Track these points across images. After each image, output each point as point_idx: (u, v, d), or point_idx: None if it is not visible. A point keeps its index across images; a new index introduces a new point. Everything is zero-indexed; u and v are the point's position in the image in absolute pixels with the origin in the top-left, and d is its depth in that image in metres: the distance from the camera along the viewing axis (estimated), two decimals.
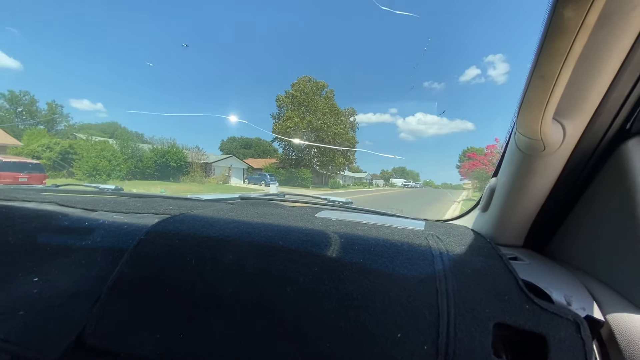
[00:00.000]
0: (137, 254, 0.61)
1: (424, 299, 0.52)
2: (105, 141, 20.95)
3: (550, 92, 0.47)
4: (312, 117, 31.91)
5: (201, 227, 0.68)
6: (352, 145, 34.66)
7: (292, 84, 34.77)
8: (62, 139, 20.68)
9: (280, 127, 32.81)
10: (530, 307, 0.50)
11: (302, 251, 0.61)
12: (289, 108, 33.57)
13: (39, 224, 0.71)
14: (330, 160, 33.41)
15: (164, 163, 22.96)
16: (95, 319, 0.54)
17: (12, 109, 29.83)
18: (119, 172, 18.50)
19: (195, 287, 0.56)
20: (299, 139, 33.45)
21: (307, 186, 29.80)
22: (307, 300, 0.53)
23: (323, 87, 35.23)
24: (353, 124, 36.00)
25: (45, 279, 0.60)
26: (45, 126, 29.13)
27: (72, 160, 18.45)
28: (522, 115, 0.54)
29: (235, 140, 54.01)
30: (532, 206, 0.72)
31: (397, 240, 0.67)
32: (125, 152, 20.96)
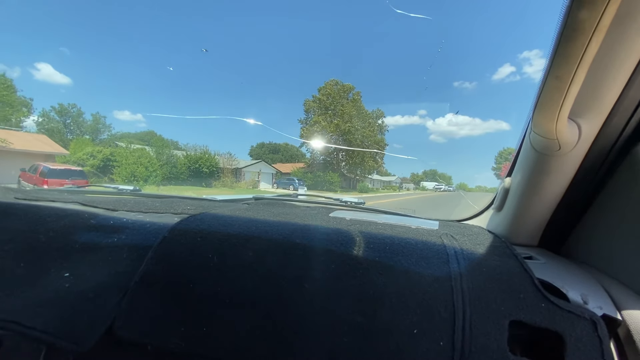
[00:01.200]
0: (161, 251, 0.63)
1: (439, 297, 0.53)
2: (143, 148, 21.95)
3: (565, 92, 0.47)
4: (340, 121, 31.63)
5: (221, 226, 0.69)
6: (380, 148, 33.95)
7: (319, 88, 34.76)
8: (105, 148, 21.91)
9: (307, 131, 32.85)
10: (546, 305, 0.51)
11: (318, 249, 0.62)
12: (316, 112, 33.56)
13: (68, 222, 0.72)
14: (359, 164, 32.90)
15: (197, 169, 23.66)
16: (124, 313, 0.56)
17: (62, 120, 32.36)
18: (154, 178, 19.24)
19: (217, 283, 0.57)
20: (323, 143, 33.23)
21: (335, 190, 29.48)
22: (325, 296, 0.55)
23: (350, 90, 34.90)
24: (381, 126, 35.29)
25: (75, 275, 0.62)
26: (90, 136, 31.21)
27: (113, 167, 19.46)
28: (537, 114, 0.54)
29: (264, 146, 55.02)
30: (547, 206, 0.72)
31: (411, 238, 0.67)
32: (160, 158, 21.83)
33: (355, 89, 35.11)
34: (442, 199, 23.85)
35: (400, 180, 50.97)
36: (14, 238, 0.69)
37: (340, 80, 34.92)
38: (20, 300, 0.59)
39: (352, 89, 35.05)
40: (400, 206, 13.88)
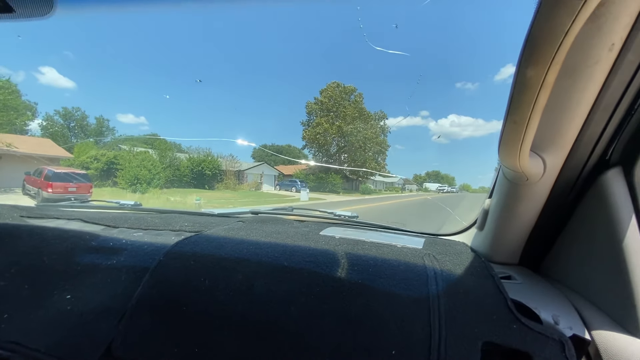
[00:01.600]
0: (156, 275, 0.65)
1: (417, 318, 0.54)
2: (146, 151, 22.06)
3: (523, 134, 0.50)
4: (342, 123, 31.69)
5: (214, 248, 0.72)
6: (383, 149, 33.94)
7: (321, 91, 34.86)
8: (108, 151, 22.06)
9: (309, 133, 32.95)
10: (517, 326, 0.52)
11: (305, 271, 0.64)
12: (318, 114, 33.63)
13: (70, 244, 0.75)
14: (361, 166, 32.90)
15: (199, 171, 23.76)
16: (122, 334, 0.58)
17: (66, 124, 32.66)
18: (157, 181, 19.32)
19: (209, 306, 0.60)
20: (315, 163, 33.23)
21: (337, 192, 29.47)
22: (309, 319, 0.57)
23: (352, 92, 34.96)
24: (383, 127, 35.28)
25: (76, 296, 0.64)
26: (94, 139, 31.46)
27: (117, 170, 19.58)
28: (501, 152, 0.58)
29: (266, 148, 55.21)
30: (523, 228, 0.75)
31: (394, 260, 0.70)
32: (163, 161, 21.94)
33: (356, 90, 35.21)
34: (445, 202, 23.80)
35: (402, 182, 50.86)
36: (19, 260, 0.71)
37: (342, 82, 35.02)
38: (24, 322, 0.61)
39: (354, 91, 35.12)
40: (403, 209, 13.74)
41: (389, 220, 1.23)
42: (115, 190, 17.77)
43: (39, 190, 12.64)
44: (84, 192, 13.27)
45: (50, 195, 12.21)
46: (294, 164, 37.14)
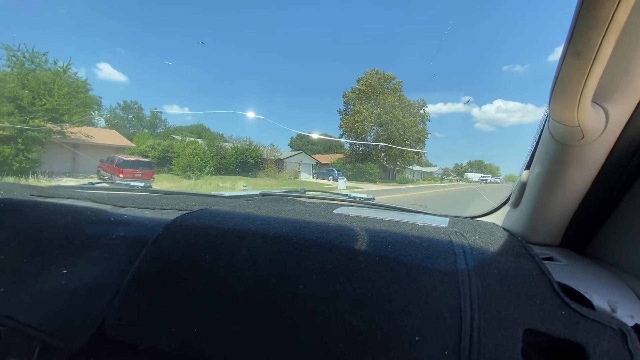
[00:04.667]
0: (155, 249, 0.62)
1: (444, 300, 0.49)
2: (196, 141, 23.90)
3: (588, 71, 0.41)
4: (381, 111, 31.43)
5: (217, 223, 0.68)
6: (422, 138, 33.21)
7: (359, 79, 34.70)
8: (163, 140, 24.17)
9: (348, 122, 33.11)
10: (566, 312, 0.46)
11: (316, 247, 0.59)
12: (356, 103, 33.62)
13: (70, 219, 0.74)
14: (399, 154, 32.57)
15: (243, 160, 25.21)
16: (115, 312, 0.55)
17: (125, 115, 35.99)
18: (208, 168, 20.93)
19: (210, 283, 0.56)
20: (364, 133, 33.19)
21: (374, 181, 29.61)
22: (320, 299, 0.52)
23: (390, 79, 34.41)
24: (423, 115, 34.43)
25: (72, 271, 0.63)
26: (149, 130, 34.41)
27: (171, 158, 21.48)
28: (555, 99, 0.49)
29: (303, 137, 56.20)
30: (570, 202, 0.66)
31: (417, 236, 0.64)
32: (211, 150, 23.59)
33: (396, 78, 34.57)
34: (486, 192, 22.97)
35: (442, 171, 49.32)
36: (20, 235, 0.70)
37: (381, 70, 34.53)
38: (18, 297, 0.59)
39: (393, 79, 34.53)
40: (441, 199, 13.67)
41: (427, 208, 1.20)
42: (170, 176, 19.61)
43: (112, 176, 14.48)
44: (147, 178, 14.96)
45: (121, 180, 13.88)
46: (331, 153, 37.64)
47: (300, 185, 22.15)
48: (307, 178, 30.09)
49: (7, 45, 15.12)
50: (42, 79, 14.80)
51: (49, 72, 15.52)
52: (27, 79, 14.48)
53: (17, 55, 15.41)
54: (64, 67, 16.51)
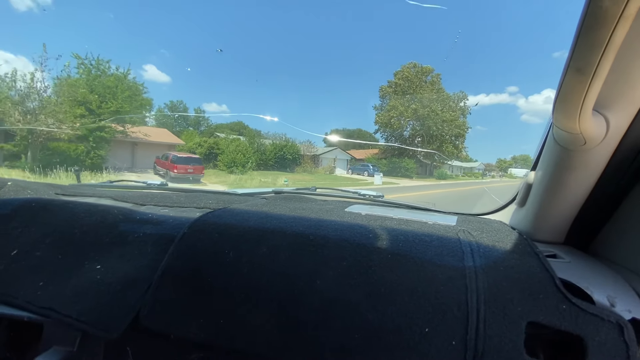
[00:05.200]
0: (181, 247, 0.66)
1: (452, 295, 0.52)
2: (238, 138, 25.11)
3: (587, 85, 0.44)
4: (418, 105, 30.80)
5: (237, 222, 0.72)
6: (462, 132, 32.09)
7: (396, 72, 34.18)
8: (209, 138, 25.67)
9: (383, 117, 32.83)
10: (567, 307, 0.49)
11: (331, 245, 0.63)
12: (392, 97, 33.19)
13: (99, 217, 0.78)
14: (437, 149, 31.74)
15: (281, 156, 26.05)
16: (148, 304, 0.59)
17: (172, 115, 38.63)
18: (250, 164, 21.97)
19: (233, 278, 0.60)
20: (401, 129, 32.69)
21: (410, 177, 29.19)
22: (336, 293, 0.55)
23: (429, 72, 33.50)
24: (463, 108, 33.17)
25: (106, 267, 0.67)
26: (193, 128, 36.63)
27: (216, 154, 22.80)
28: (558, 109, 0.52)
29: (337, 132, 56.49)
30: (574, 202, 0.69)
31: (426, 234, 0.67)
32: (252, 147, 24.67)
33: (434, 71, 33.60)
34: None
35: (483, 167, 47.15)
36: (52, 232, 0.74)
37: (419, 62, 33.72)
38: (58, 290, 0.63)
39: (431, 71, 33.58)
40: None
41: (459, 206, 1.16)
42: (216, 171, 20.87)
43: (167, 171, 15.83)
44: (198, 173, 16.19)
45: (175, 175, 15.20)
46: (366, 149, 37.54)
47: (336, 180, 22.51)
48: (342, 173, 30.36)
49: (77, 54, 16.96)
50: (107, 83, 16.43)
51: (112, 77, 17.18)
52: (94, 84, 16.17)
53: (85, 63, 17.23)
54: (125, 72, 18.17)
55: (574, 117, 0.50)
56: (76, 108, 15.04)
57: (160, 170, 16.90)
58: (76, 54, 16.96)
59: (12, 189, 0.98)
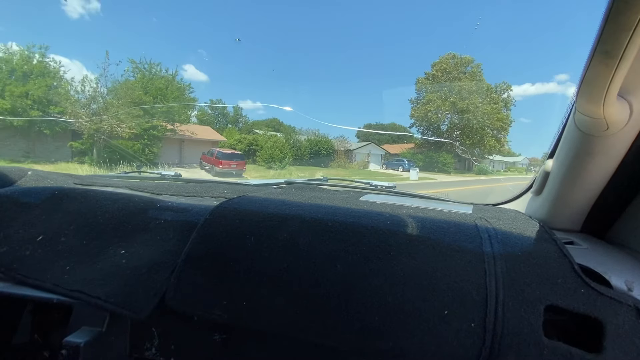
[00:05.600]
0: (204, 232, 0.67)
1: (471, 279, 0.53)
2: (276, 135, 25.95)
3: (614, 69, 0.44)
4: (457, 98, 29.72)
5: (257, 208, 0.73)
6: (505, 125, 30.51)
7: (433, 64, 33.14)
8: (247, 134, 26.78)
9: (419, 111, 32.04)
10: (585, 291, 0.50)
11: (349, 231, 0.64)
12: (428, 90, 32.31)
13: (121, 205, 0.80)
14: (477, 143, 30.50)
15: (316, 151, 26.54)
16: (173, 287, 0.61)
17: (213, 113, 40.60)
18: (287, 160, 22.67)
19: (254, 262, 0.61)
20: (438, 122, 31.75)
21: (448, 172, 28.37)
22: (356, 277, 0.56)
23: (468, 63, 32.10)
24: (507, 100, 31.50)
25: (130, 252, 0.69)
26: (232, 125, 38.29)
27: (255, 150, 23.76)
28: (582, 93, 0.52)
29: (371, 127, 55.86)
30: (592, 189, 0.69)
31: (443, 221, 0.68)
32: (289, 143, 25.38)
33: (474, 61, 32.16)
34: None
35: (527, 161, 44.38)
36: (76, 219, 0.76)
37: (458, 53, 32.43)
38: (85, 273, 0.65)
39: (471, 62, 32.16)
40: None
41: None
42: (255, 166, 21.78)
43: (213, 166, 16.86)
44: (240, 168, 17.07)
45: (220, 170, 16.16)
46: (401, 143, 36.95)
47: (371, 175, 22.49)
48: (376, 168, 30.20)
49: (132, 59, 18.50)
50: (158, 85, 17.80)
51: (162, 79, 18.56)
52: (148, 86, 17.58)
53: (139, 67, 18.74)
54: (173, 74, 19.52)
55: (598, 101, 0.51)
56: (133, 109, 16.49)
57: (206, 165, 18.01)
58: (132, 59, 18.54)
59: (32, 178, 1.01)
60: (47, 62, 16.36)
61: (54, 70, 16.49)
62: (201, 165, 19.00)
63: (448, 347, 0.49)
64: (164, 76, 19.07)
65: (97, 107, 15.62)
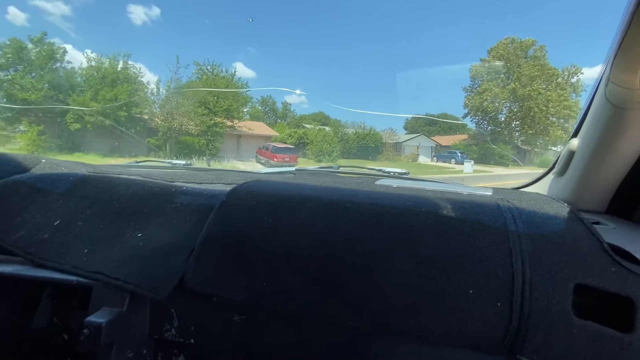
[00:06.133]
0: (221, 214, 0.68)
1: (496, 259, 0.52)
2: (324, 129, 26.68)
3: None
4: (517, 85, 27.68)
5: (273, 191, 0.73)
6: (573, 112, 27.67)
7: (490, 49, 31.12)
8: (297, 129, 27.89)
9: (474, 100, 30.43)
10: (616, 269, 0.49)
11: (369, 212, 0.63)
12: (484, 78, 30.49)
13: (136, 190, 0.81)
14: (540, 134, 28.17)
15: (364, 144, 26.72)
16: (192, 268, 0.62)
17: (263, 109, 42.58)
18: (336, 153, 23.29)
19: (273, 243, 0.62)
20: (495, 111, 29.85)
21: (506, 164, 26.73)
22: (377, 257, 0.56)
23: (530, 46, 29.54)
24: (576, 85, 28.45)
25: (147, 235, 0.70)
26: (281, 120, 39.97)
27: (305, 144, 24.70)
28: (618, 63, 0.50)
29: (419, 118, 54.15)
30: (620, 167, 0.67)
31: (465, 202, 0.67)
32: (337, 136, 25.93)
33: (537, 43, 29.53)
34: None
35: None
36: (92, 204, 0.78)
37: (518, 37, 30.02)
38: (103, 256, 0.66)
39: (533, 44, 29.55)
40: None
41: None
42: (306, 160, 22.68)
43: (268, 160, 18.07)
44: (293, 161, 18.05)
45: (275, 163, 17.24)
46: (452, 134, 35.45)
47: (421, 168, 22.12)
48: (426, 161, 29.49)
49: (197, 61, 20.33)
50: (220, 85, 19.37)
51: (223, 79, 20.15)
52: (211, 86, 19.23)
53: (203, 68, 20.54)
54: (232, 74, 21.07)
55: (634, 70, 0.49)
56: (199, 108, 18.24)
57: (262, 159, 19.33)
58: (196, 61, 20.40)
59: (47, 166, 1.01)
60: (129, 69, 18.73)
61: (134, 75, 18.82)
62: (257, 158, 20.39)
63: (473, 326, 0.49)
64: (224, 76, 20.67)
65: (170, 107, 17.56)
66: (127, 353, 0.62)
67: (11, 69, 16.77)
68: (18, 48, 16.80)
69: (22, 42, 17.09)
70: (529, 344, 0.48)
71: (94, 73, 17.73)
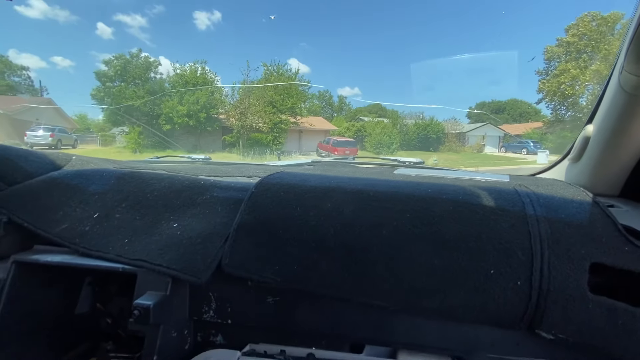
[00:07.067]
0: (252, 204, 0.71)
1: (516, 241, 0.55)
2: (382, 121, 26.79)
3: None
4: (601, 65, 24.53)
5: (298, 182, 0.77)
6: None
7: (567, 28, 27.87)
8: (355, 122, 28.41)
9: (550, 84, 27.68)
10: (630, 248, 0.52)
11: (393, 199, 0.66)
12: (562, 59, 27.49)
13: (167, 184, 0.85)
14: None
15: (424, 135, 26.18)
16: (229, 254, 0.65)
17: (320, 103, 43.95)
18: (395, 145, 23.36)
19: (302, 230, 0.65)
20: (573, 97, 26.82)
21: None
22: (402, 241, 0.59)
23: (617, 20, 25.77)
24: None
25: (182, 225, 0.73)
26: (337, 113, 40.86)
27: (363, 137, 25.13)
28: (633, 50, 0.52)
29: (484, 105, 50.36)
30: (634, 152, 0.69)
31: (483, 188, 0.68)
32: (396, 128, 25.87)
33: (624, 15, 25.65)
34: None
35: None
36: (127, 197, 0.81)
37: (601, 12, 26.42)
38: (143, 245, 0.69)
39: (621, 18, 25.75)
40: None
41: None
42: (364, 152, 23.06)
43: (329, 153, 18.91)
44: (353, 154, 18.64)
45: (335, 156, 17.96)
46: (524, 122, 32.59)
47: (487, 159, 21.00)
48: (493, 151, 27.72)
49: (265, 63, 22.08)
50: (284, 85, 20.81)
51: (288, 79, 21.56)
52: (277, 86, 20.74)
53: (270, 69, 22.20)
54: (295, 73, 22.44)
55: None
56: (267, 107, 19.88)
57: (323, 152, 20.27)
58: (264, 63, 22.14)
59: (77, 163, 1.05)
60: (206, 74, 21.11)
61: (211, 80, 21.12)
62: (318, 152, 21.40)
63: (494, 304, 0.52)
64: (288, 76, 22.10)
65: (243, 107, 19.44)
66: (171, 333, 0.66)
67: (118, 80, 20.10)
68: (124, 62, 20.07)
69: (125, 56, 20.42)
70: (548, 319, 0.50)
71: (179, 80, 20.39)
